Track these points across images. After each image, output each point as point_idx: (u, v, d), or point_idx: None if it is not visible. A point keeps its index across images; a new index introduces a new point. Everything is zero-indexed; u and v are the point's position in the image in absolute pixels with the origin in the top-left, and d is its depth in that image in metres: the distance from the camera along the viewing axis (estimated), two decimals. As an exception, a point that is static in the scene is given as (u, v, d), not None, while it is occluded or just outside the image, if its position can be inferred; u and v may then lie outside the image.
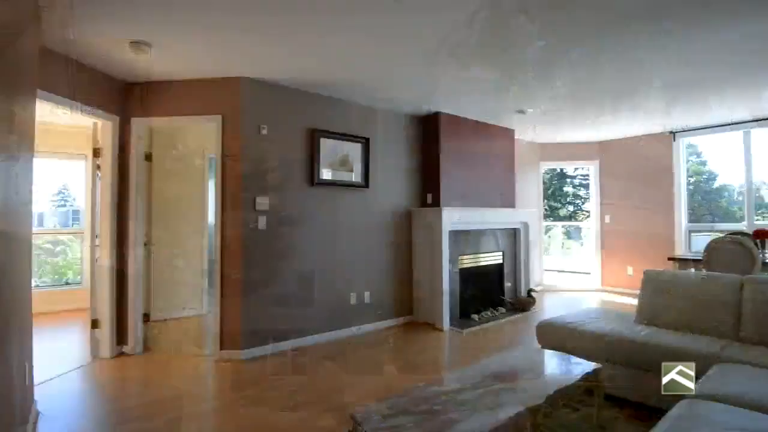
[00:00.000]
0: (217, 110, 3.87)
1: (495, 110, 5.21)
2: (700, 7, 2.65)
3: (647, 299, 3.25)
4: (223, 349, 3.79)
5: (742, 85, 4.23)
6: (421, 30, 2.95)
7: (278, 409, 2.82)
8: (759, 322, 2.74)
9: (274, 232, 3.99)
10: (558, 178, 12.20)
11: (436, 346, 4.26)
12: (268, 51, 3.32)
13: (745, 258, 4.08)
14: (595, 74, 3.87)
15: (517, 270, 6.14)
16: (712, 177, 7.75)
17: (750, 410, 1.78)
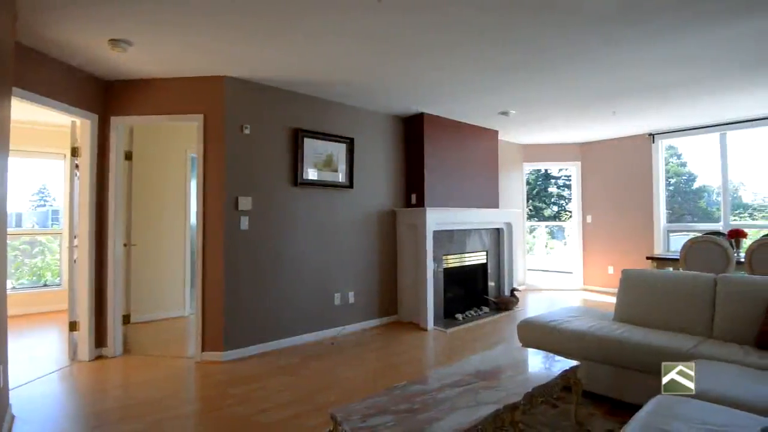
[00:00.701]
0: (199, 109, 3.83)
1: (478, 111, 5.26)
2: (673, 12, 2.71)
3: (625, 298, 3.32)
4: (205, 351, 3.76)
5: (718, 89, 4.35)
6: (404, 30, 2.96)
7: (261, 410, 2.81)
8: (731, 319, 2.82)
9: (256, 233, 3.97)
10: (543, 179, 12.36)
11: (420, 345, 4.28)
12: (251, 51, 3.30)
13: (720, 257, 4.20)
14: (576, 77, 3.93)
15: (500, 269, 6.20)
16: (692, 178, 7.93)
17: (718, 405, 1.83)
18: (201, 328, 3.77)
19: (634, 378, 2.71)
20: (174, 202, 5.38)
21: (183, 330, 4.85)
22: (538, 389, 2.17)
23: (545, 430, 2.48)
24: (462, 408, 1.94)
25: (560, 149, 7.44)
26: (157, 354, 3.97)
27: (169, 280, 5.33)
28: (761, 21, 2.85)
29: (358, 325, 4.80)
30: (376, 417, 1.84)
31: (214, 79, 3.81)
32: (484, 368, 2.47)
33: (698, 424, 1.65)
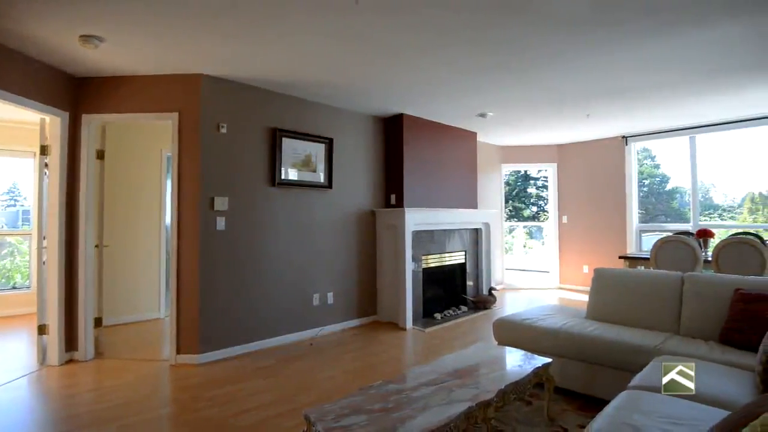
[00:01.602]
0: (174, 107, 3.77)
1: (457, 113, 5.31)
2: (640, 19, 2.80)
3: (597, 296, 3.41)
4: (180, 354, 3.70)
5: (686, 93, 4.49)
6: (380, 32, 2.97)
7: (236, 413, 2.78)
8: (697, 316, 2.92)
9: (233, 233, 3.93)
10: (522, 180, 12.55)
11: (398, 345, 4.30)
12: (227, 49, 3.26)
13: (689, 256, 4.33)
14: (550, 79, 4.01)
15: (479, 269, 6.27)
16: (665, 180, 8.17)
17: (682, 398, 1.90)
18: (176, 331, 3.71)
19: (606, 374, 2.78)
20: (149, 202, 5.27)
21: (158, 333, 4.76)
22: (510, 386, 2.21)
23: (519, 426, 2.53)
24: (435, 406, 1.96)
25: (537, 151, 7.57)
26: (130, 357, 3.89)
27: (144, 282, 5.23)
28: (722, 30, 2.96)
29: (337, 326, 4.79)
30: (349, 417, 1.85)
31: (190, 77, 3.76)
32: (458, 366, 2.50)
33: (661, 417, 1.71)
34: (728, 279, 2.95)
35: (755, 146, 6.17)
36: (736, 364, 2.35)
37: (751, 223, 6.92)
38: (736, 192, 7.44)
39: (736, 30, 2.97)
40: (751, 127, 5.55)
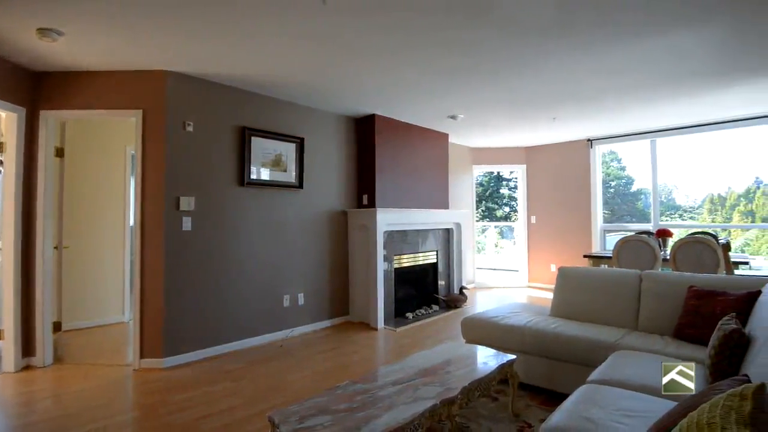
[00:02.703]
0: (137, 104, 3.67)
1: (428, 114, 5.36)
2: (598, 27, 2.90)
3: (561, 294, 3.51)
4: (144, 358, 3.60)
5: (645, 98, 4.68)
6: (349, 32, 2.98)
7: (201, 417, 2.73)
8: (653, 312, 3.04)
9: (200, 234, 3.85)
10: (495, 181, 12.78)
11: (369, 345, 4.31)
12: (193, 46, 3.19)
13: (648, 255, 4.51)
14: (516, 83, 4.10)
15: (450, 269, 6.35)
16: (630, 181, 8.49)
17: (635, 391, 1.98)
18: (139, 334, 3.61)
19: (568, 369, 2.87)
20: (112, 201, 5.11)
21: (122, 337, 4.62)
22: (475, 383, 2.26)
23: (484, 422, 2.57)
24: (400, 404, 1.98)
25: (507, 152, 7.73)
26: (92, 362, 3.76)
27: (107, 285, 5.06)
28: (678, 38, 3.10)
29: (308, 327, 4.76)
30: (314, 418, 1.84)
31: (154, 74, 3.67)
32: (425, 365, 2.53)
33: (616, 410, 1.77)
34: (682, 277, 3.09)
35: (714, 150, 6.49)
36: (689, 358, 2.45)
37: (710, 223, 7.27)
38: (697, 193, 7.80)
39: (691, 38, 3.12)
40: (709, 131, 5.82)
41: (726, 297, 2.69)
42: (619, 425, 1.63)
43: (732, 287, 2.80)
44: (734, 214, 7.50)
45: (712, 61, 3.58)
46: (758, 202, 7.26)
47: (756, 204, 7.26)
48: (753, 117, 5.36)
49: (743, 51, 3.37)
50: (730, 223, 7.39)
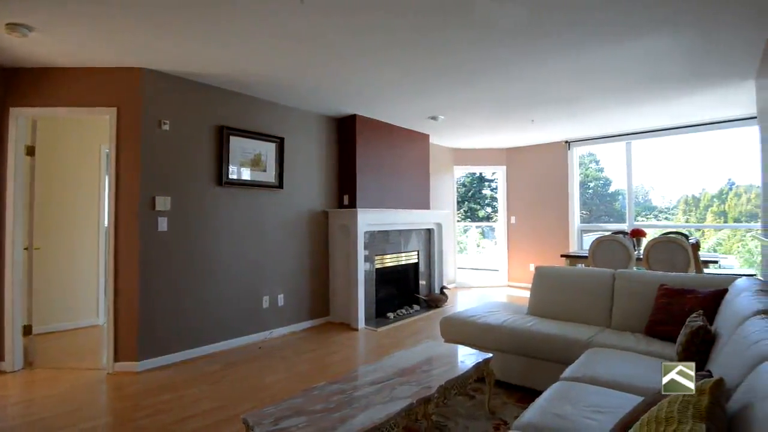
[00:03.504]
0: (111, 102, 3.59)
1: (409, 115, 5.38)
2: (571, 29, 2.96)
3: (537, 293, 3.56)
4: (119, 362, 3.52)
5: (620, 101, 4.79)
6: (327, 33, 2.97)
7: (176, 420, 2.68)
8: (626, 310, 3.12)
9: (176, 234, 3.79)
10: (478, 182, 12.90)
11: (350, 345, 4.30)
12: (169, 43, 3.14)
13: (623, 254, 4.61)
14: (494, 85, 4.15)
15: (431, 269, 6.39)
16: (608, 183, 8.68)
17: (606, 388, 2.03)
18: (113, 337, 3.53)
19: (543, 367, 2.91)
20: (86, 201, 4.98)
21: (96, 340, 4.51)
22: (451, 382, 2.28)
23: (461, 420, 2.60)
24: (377, 404, 1.98)
25: (488, 154, 7.81)
26: (64, 366, 3.66)
27: (80, 286, 4.93)
28: (646, 43, 3.18)
29: (287, 328, 4.73)
30: (289, 419, 1.83)
31: (129, 71, 3.59)
32: (403, 365, 2.54)
33: (586, 406, 1.81)
34: (653, 275, 3.17)
35: (688, 152, 6.69)
36: (659, 355, 2.53)
37: (684, 223, 7.49)
38: (672, 194, 8.03)
39: (662, 43, 3.20)
40: (683, 134, 5.98)
41: (695, 295, 2.77)
42: (589, 421, 1.67)
43: (701, 286, 2.89)
44: (708, 214, 7.74)
45: (683, 66, 3.69)
46: (730, 203, 7.51)
47: (728, 205, 7.50)
48: (725, 120, 5.53)
49: (710, 56, 3.48)
50: (704, 224, 7.61)
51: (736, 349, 1.60)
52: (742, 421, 1.04)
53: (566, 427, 1.65)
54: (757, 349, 1.39)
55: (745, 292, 2.27)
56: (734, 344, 1.68)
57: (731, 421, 1.09)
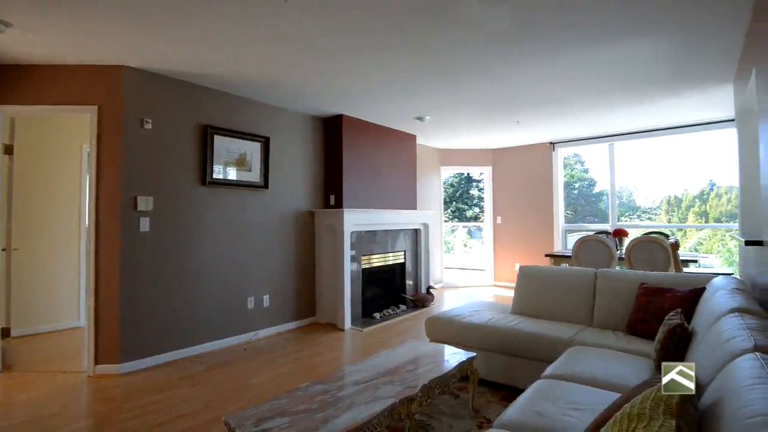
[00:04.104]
0: (93, 100, 3.53)
1: (396, 116, 5.39)
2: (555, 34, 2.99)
3: (521, 292, 3.60)
4: (100, 364, 3.47)
5: (603, 104, 4.86)
6: (311, 33, 2.96)
7: (159, 423, 2.65)
8: (607, 309, 3.17)
9: (159, 235, 3.74)
10: (465, 182, 12.97)
11: (336, 346, 4.29)
12: (152, 41, 3.09)
13: (605, 254, 4.68)
14: (479, 87, 4.18)
15: (418, 268, 6.41)
16: (593, 183, 8.80)
17: (586, 385, 2.06)
18: (94, 339, 3.47)
19: (526, 365, 2.95)
20: (66, 201, 4.89)
21: (76, 342, 4.43)
22: (434, 381, 2.29)
23: (445, 419, 2.61)
24: (360, 404, 1.99)
25: (474, 154, 7.86)
26: (43, 370, 3.59)
27: (61, 288, 4.84)
28: (628, 47, 3.23)
29: (273, 329, 4.70)
30: (271, 420, 1.83)
31: (112, 69, 3.54)
32: (387, 364, 2.54)
33: (566, 403, 1.84)
34: (634, 275, 3.23)
35: (671, 154, 6.82)
36: (639, 352, 2.58)
37: (666, 223, 7.63)
38: (655, 195, 8.18)
39: (644, 47, 3.26)
40: (665, 135, 6.09)
41: (673, 294, 2.83)
42: (568, 418, 1.69)
43: (679, 284, 2.95)
44: (689, 214, 7.90)
45: (664, 69, 3.76)
46: (711, 203, 7.68)
47: (709, 205, 7.67)
48: (706, 122, 5.64)
49: (691, 60, 3.55)
50: (685, 224, 7.77)
51: (710, 347, 1.64)
52: (712, 417, 1.07)
53: (545, 424, 1.67)
54: (729, 347, 1.42)
55: (721, 291, 2.32)
56: (709, 342, 1.72)
57: (702, 416, 1.11)
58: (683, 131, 5.90)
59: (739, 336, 1.46)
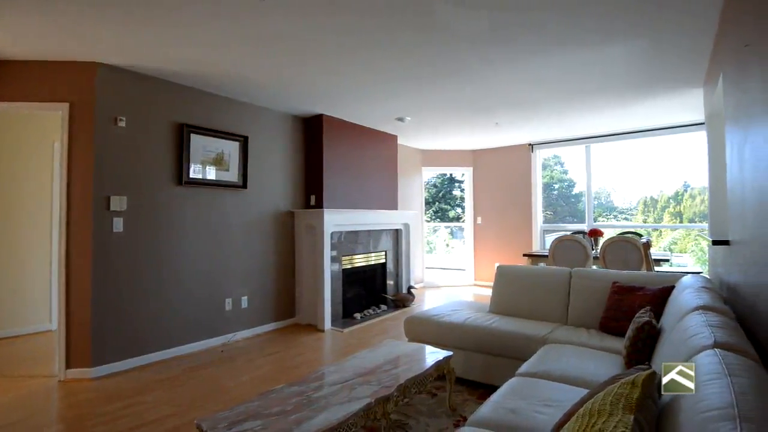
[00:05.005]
0: (64, 97, 3.44)
1: (376, 116, 5.40)
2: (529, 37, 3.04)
3: (498, 291, 3.65)
4: (71, 368, 3.38)
5: (579, 107, 4.96)
6: (289, 31, 2.94)
7: (131, 428, 2.59)
8: (581, 307, 3.23)
9: (133, 235, 3.66)
10: (448, 183, 13.06)
11: (315, 347, 4.27)
12: (127, 38, 3.03)
13: (581, 253, 4.77)
14: (459, 88, 4.21)
15: (399, 269, 6.42)
16: (572, 184, 8.95)
17: (558, 382, 2.09)
18: (65, 343, 3.38)
19: (503, 363, 2.98)
20: (37, 201, 4.75)
21: (47, 346, 4.30)
22: (410, 381, 2.30)
23: (422, 418, 2.62)
24: (335, 405, 1.98)
25: (455, 155, 7.92)
26: (12, 374, 3.48)
27: (31, 291, 4.69)
28: (604, 51, 3.30)
29: (252, 330, 4.65)
30: (245, 423, 1.81)
31: (84, 65, 3.45)
32: (365, 365, 2.54)
33: (538, 401, 1.87)
34: (607, 274, 3.30)
35: (647, 156, 6.98)
36: (611, 349, 2.64)
37: (641, 224, 7.81)
38: (632, 196, 8.36)
39: (616, 52, 3.34)
40: (640, 138, 6.23)
41: (644, 292, 2.90)
42: (538, 414, 1.72)
43: (650, 283, 3.02)
44: (665, 215, 8.10)
45: (638, 73, 3.85)
46: (685, 204, 7.89)
47: (683, 206, 7.88)
48: (680, 125, 5.79)
49: (663, 65, 3.65)
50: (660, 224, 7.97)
51: (674, 344, 1.69)
52: (671, 412, 1.10)
53: (517, 421, 1.69)
54: (691, 343, 1.46)
55: (688, 289, 2.38)
56: (674, 339, 1.76)
57: (662, 411, 1.14)
58: (658, 134, 6.06)
59: (701, 333, 1.50)
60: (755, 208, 1.89)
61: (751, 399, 0.95)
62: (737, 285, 2.48)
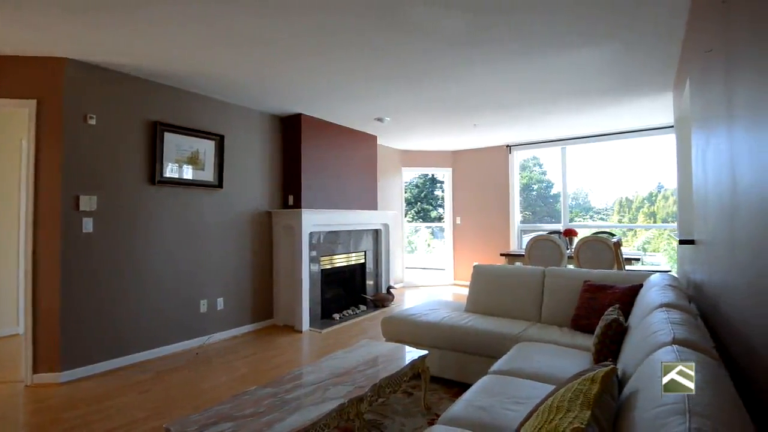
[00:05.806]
0: (30, 94, 3.34)
1: (356, 116, 5.39)
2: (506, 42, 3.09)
3: (475, 290, 3.69)
4: (38, 373, 3.28)
5: (554, 110, 5.05)
6: (265, 30, 2.92)
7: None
8: (554, 306, 3.29)
9: (104, 236, 3.57)
10: (430, 183, 13.12)
11: (292, 348, 4.24)
12: (97, 35, 2.95)
13: (556, 253, 4.86)
14: (437, 90, 4.24)
15: (378, 269, 6.43)
16: (550, 185, 9.10)
17: (529, 380, 2.13)
18: (32, 347, 3.28)
19: (478, 362, 3.01)
20: (4, 199, 4.60)
21: (14, 350, 4.16)
22: (384, 380, 2.31)
23: (398, 417, 2.64)
24: (308, 406, 1.97)
25: (435, 156, 7.97)
26: (-26, 380, 3.36)
27: (-3, 293, 4.55)
28: (575, 55, 3.38)
29: (228, 332, 4.59)
30: (215, 426, 1.78)
31: (52, 61, 3.35)
32: (340, 365, 2.54)
33: (508, 398, 1.90)
34: (579, 272, 3.37)
35: (622, 157, 7.15)
36: (581, 347, 2.70)
37: (616, 224, 7.99)
38: (609, 197, 8.55)
39: (589, 57, 3.41)
40: (615, 140, 6.39)
41: (614, 290, 2.98)
42: (508, 411, 1.75)
43: (620, 281, 3.10)
44: (639, 215, 8.30)
45: (610, 77, 3.95)
46: (659, 204, 8.10)
47: (657, 206, 8.09)
48: (654, 128, 5.96)
49: (634, 70, 3.75)
50: (635, 224, 8.17)
51: (638, 341, 1.74)
52: (627, 407, 1.13)
53: (487, 418, 1.72)
54: (652, 340, 1.51)
55: (655, 287, 2.45)
56: (638, 335, 1.82)
57: (620, 407, 1.18)
58: (631, 136, 6.21)
59: (662, 330, 1.55)
60: (716, 208, 1.96)
61: (703, 394, 0.99)
62: (702, 283, 2.57)
